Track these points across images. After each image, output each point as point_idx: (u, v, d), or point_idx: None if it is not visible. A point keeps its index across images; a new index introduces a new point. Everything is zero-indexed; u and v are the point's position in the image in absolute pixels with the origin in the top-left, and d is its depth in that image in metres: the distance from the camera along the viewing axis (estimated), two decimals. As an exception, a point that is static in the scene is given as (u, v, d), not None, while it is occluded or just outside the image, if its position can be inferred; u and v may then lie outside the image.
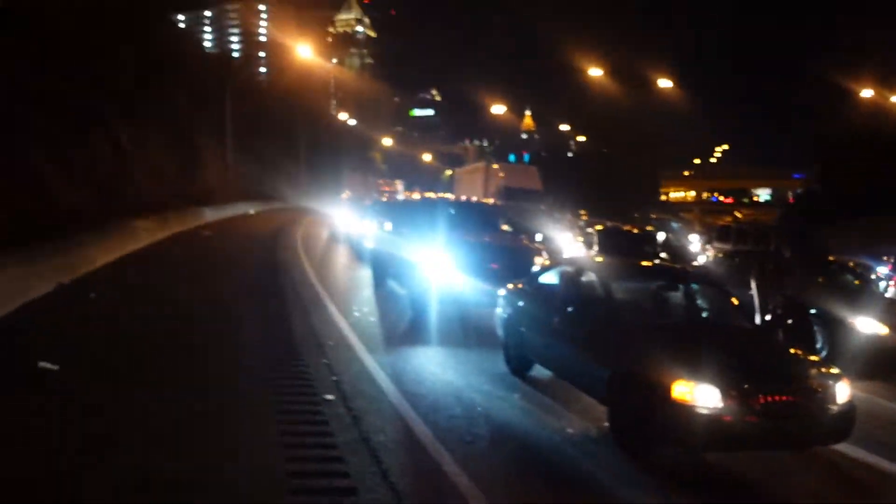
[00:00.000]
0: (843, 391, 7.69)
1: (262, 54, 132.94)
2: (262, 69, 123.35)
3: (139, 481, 6.58)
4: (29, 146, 23.04)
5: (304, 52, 68.09)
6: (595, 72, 50.31)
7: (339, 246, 30.85)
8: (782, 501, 7.48)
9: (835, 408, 7.62)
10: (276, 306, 15.80)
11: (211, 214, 42.36)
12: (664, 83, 48.34)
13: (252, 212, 55.16)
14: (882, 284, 17.50)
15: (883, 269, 19.93)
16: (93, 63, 30.65)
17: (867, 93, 45.33)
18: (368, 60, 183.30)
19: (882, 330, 12.54)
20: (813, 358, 8.55)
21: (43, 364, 9.61)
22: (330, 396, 9.39)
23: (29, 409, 8.22)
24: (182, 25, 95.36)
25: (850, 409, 7.73)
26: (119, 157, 32.93)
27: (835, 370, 8.04)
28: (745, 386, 7.41)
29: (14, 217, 18.63)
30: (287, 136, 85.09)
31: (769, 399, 7.41)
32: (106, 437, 7.55)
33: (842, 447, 8.10)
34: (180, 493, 6.44)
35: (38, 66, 24.36)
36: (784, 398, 7.50)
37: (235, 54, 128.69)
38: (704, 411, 7.21)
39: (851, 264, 16.09)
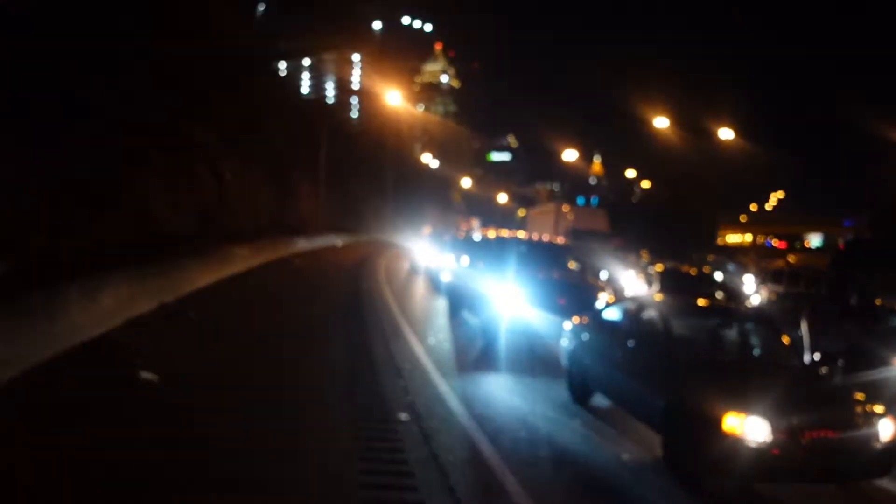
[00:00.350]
0: (886, 429, 7.52)
1: (354, 100, 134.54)
2: (354, 114, 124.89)
3: (227, 483, 6.70)
4: (139, 176, 23.59)
5: (393, 99, 68.87)
6: (661, 121, 49.90)
7: (418, 277, 30.94)
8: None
9: (878, 445, 7.45)
10: (358, 331, 15.92)
11: (302, 244, 42.81)
12: (726, 133, 47.68)
13: (340, 244, 55.65)
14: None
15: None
16: (202, 103, 31.32)
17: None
18: (451, 108, 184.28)
19: None
20: (859, 396, 8.35)
21: (145, 374, 9.83)
22: (404, 416, 9.43)
23: (131, 412, 8.42)
24: (283, 73, 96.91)
25: (893, 446, 7.54)
26: (220, 189, 33.52)
27: (879, 408, 7.85)
28: (794, 421, 7.29)
29: (123, 240, 19.05)
30: (375, 175, 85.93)
31: (816, 435, 7.28)
32: (197, 441, 7.70)
33: (884, 482, 7.90)
34: (263, 497, 6.54)
35: (152, 104, 24.96)
36: (830, 434, 7.36)
37: (330, 100, 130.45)
38: (753, 444, 7.11)
39: (896, 308, 15.73)
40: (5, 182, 16.38)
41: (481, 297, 16.35)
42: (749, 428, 7.15)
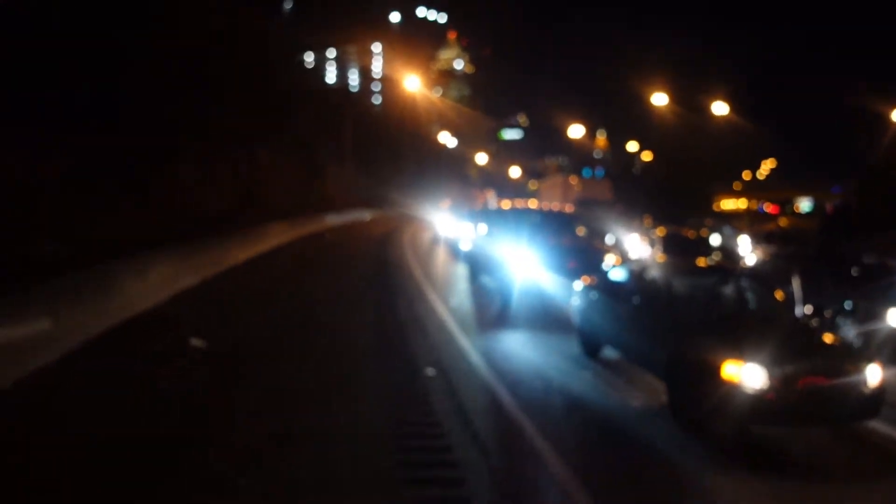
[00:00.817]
0: (874, 375, 7.47)
1: (376, 87, 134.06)
2: (377, 99, 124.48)
3: (280, 436, 6.78)
4: (182, 162, 23.68)
5: (412, 84, 68.41)
6: (660, 97, 49.28)
7: (439, 246, 30.93)
8: (818, 469, 7.27)
9: (867, 390, 7.40)
10: (387, 296, 15.98)
11: (332, 219, 42.89)
12: (721, 107, 47.03)
13: (368, 218, 55.78)
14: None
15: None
16: (236, 93, 31.32)
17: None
18: (466, 92, 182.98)
19: None
20: (848, 345, 8.30)
21: (194, 341, 9.90)
22: (431, 370, 9.48)
23: (184, 376, 8.49)
24: (311, 64, 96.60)
25: (880, 391, 7.50)
26: (256, 171, 33.61)
27: (867, 356, 7.80)
28: (788, 369, 7.24)
29: (168, 220, 19.18)
30: (396, 154, 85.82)
31: (809, 381, 7.24)
32: (246, 400, 7.78)
33: (872, 424, 7.86)
34: (308, 447, 6.61)
35: (193, 97, 24.97)
36: (822, 381, 7.31)
37: (354, 87, 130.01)
38: (750, 390, 7.08)
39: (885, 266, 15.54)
40: (64, 171, 16.53)
41: (498, 262, 16.37)
42: (746, 375, 7.12)
